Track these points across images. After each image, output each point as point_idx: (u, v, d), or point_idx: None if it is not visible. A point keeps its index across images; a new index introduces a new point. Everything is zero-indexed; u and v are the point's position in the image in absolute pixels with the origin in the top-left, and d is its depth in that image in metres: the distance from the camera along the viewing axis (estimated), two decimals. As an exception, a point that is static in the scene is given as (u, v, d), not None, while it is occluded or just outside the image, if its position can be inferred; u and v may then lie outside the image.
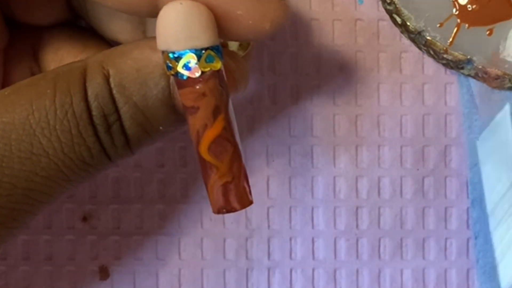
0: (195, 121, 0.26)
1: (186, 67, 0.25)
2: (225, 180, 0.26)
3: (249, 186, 0.27)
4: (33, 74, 0.31)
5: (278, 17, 0.26)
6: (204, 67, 0.25)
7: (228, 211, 0.26)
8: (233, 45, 0.31)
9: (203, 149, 0.26)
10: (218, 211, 0.26)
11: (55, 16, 0.31)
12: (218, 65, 0.25)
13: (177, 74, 0.25)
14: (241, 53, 0.31)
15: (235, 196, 0.26)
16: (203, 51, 0.25)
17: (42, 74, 0.27)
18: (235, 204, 0.26)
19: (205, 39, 0.25)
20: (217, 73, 0.25)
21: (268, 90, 0.35)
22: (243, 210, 0.35)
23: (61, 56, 0.30)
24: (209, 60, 0.25)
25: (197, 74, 0.25)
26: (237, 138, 0.26)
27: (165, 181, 0.35)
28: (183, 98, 0.26)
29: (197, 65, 0.25)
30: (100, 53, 0.27)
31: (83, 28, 0.32)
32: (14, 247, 0.35)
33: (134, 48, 0.27)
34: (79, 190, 0.35)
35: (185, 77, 0.25)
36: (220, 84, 0.26)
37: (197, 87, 0.25)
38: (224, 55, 0.26)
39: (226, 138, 0.26)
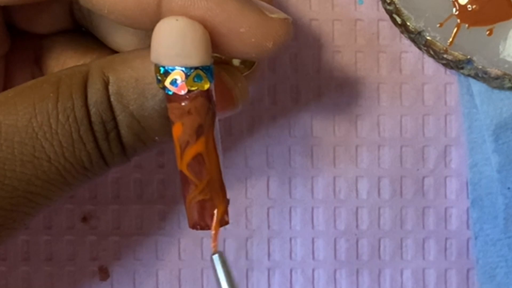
0: (177, 137, 0.25)
1: (173, 83, 0.25)
2: (201, 198, 0.26)
3: (227, 207, 0.26)
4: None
5: (281, 36, 0.26)
6: (191, 86, 0.25)
7: (202, 228, 0.26)
8: (236, 61, 0.31)
9: (183, 164, 0.26)
10: (193, 226, 0.26)
11: (56, 25, 0.31)
12: (206, 85, 0.25)
13: (164, 88, 0.25)
14: (245, 71, 0.31)
15: (210, 215, 0.26)
16: (192, 70, 0.25)
17: (45, 77, 0.27)
18: (209, 223, 0.26)
19: (195, 58, 0.25)
20: (205, 92, 0.25)
21: (268, 90, 0.35)
22: (243, 211, 0.35)
23: (63, 61, 0.30)
24: (197, 79, 0.25)
25: (183, 92, 0.25)
26: (221, 158, 0.26)
27: (165, 182, 0.35)
28: (170, 112, 0.26)
29: (184, 83, 0.25)
30: (103, 58, 0.27)
31: (85, 32, 0.32)
32: (14, 247, 0.35)
33: (136, 57, 0.27)
34: (79, 190, 0.35)
35: (171, 93, 0.25)
36: (207, 103, 0.25)
37: (183, 104, 0.25)
38: (224, 73, 0.26)
39: (207, 157, 0.26)
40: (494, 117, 0.34)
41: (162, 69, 0.25)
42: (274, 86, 0.35)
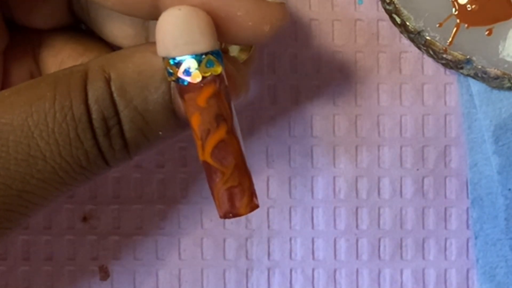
0: (197, 127, 0.26)
1: (187, 72, 0.25)
2: (230, 185, 0.26)
3: (254, 190, 0.26)
4: (33, 76, 0.31)
5: (278, 19, 0.26)
6: (205, 72, 0.25)
7: (234, 216, 0.26)
8: (234, 50, 0.31)
9: (207, 154, 0.25)
10: (224, 215, 0.26)
11: (55, 20, 0.31)
12: (218, 69, 0.25)
13: (178, 80, 0.25)
14: (244, 56, 0.31)
15: (241, 201, 0.26)
16: (203, 56, 0.25)
17: (42, 77, 0.27)
18: (241, 209, 0.26)
19: (204, 44, 0.25)
20: (218, 77, 0.25)
21: (268, 90, 0.35)
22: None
23: (61, 58, 0.30)
24: (209, 65, 0.25)
25: (198, 80, 0.25)
26: (241, 141, 0.26)
27: (165, 181, 0.35)
28: (186, 104, 0.26)
29: (197, 70, 0.25)
30: (101, 57, 0.27)
31: (84, 30, 0.32)
32: (14, 247, 0.35)
33: (136, 52, 0.27)
34: (79, 190, 0.35)
35: (186, 83, 0.25)
36: (223, 88, 0.26)
37: (199, 92, 0.25)
38: (225, 61, 0.26)
39: (230, 142, 0.26)
40: (493, 117, 0.34)
41: (172, 61, 0.25)
42: (274, 86, 0.35)
